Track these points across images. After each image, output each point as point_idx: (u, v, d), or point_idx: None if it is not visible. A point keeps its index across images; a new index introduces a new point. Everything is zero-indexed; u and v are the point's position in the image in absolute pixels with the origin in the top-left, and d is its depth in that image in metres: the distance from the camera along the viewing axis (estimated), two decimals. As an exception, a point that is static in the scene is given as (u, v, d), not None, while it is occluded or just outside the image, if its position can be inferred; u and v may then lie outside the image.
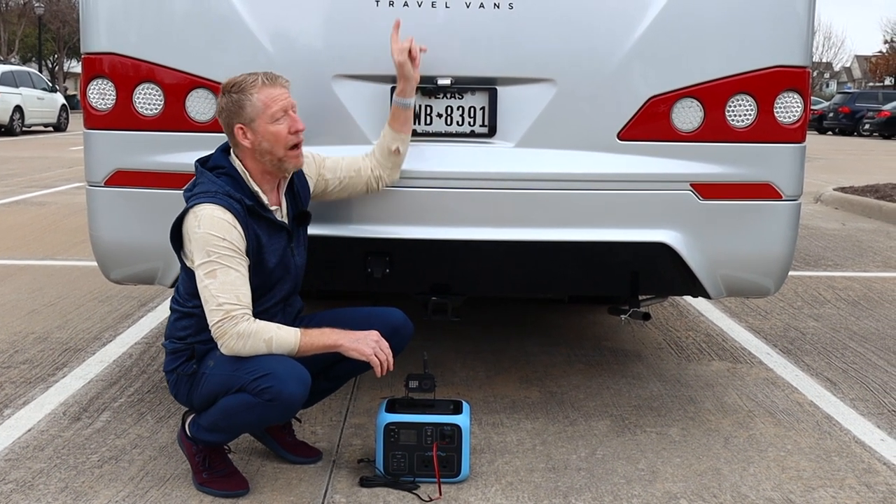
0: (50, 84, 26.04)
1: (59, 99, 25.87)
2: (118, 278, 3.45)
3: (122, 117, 3.19)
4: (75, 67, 55.12)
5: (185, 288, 2.82)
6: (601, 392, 3.86)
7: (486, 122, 3.21)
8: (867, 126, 31.04)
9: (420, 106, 3.21)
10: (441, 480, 2.89)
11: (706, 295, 3.41)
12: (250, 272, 2.73)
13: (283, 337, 2.68)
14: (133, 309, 5.11)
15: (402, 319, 2.97)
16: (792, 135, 3.25)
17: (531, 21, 3.12)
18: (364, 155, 3.10)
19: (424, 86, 3.17)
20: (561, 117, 3.18)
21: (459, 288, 3.50)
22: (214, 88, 3.14)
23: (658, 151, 3.21)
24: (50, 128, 25.51)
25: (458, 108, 3.22)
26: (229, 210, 2.67)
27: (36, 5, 44.73)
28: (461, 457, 2.91)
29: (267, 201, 2.80)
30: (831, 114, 33.47)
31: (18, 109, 23.06)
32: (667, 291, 3.89)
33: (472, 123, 3.22)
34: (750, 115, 3.21)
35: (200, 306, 2.77)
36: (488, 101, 3.20)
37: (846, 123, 32.62)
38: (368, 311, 3.00)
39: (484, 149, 3.23)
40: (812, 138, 26.80)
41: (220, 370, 2.70)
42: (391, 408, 2.96)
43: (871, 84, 66.05)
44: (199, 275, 2.66)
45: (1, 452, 3.12)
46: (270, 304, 2.86)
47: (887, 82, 62.02)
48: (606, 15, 3.15)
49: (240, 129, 2.75)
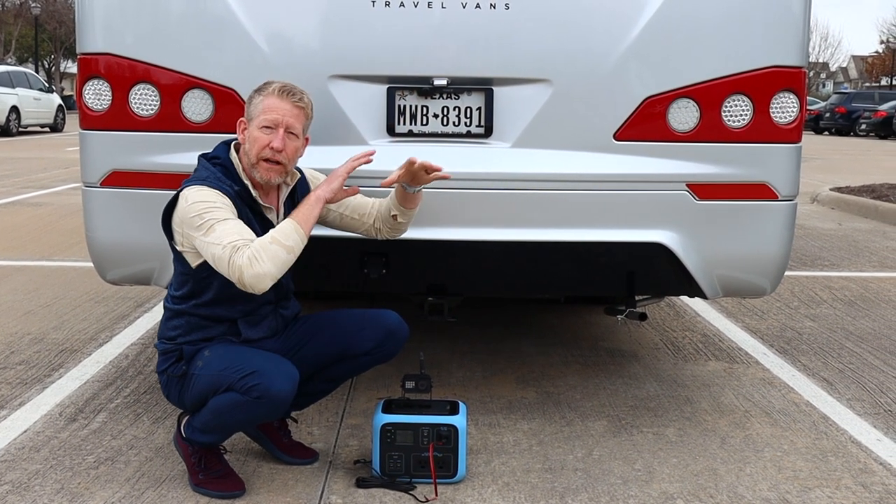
0: (46, 84, 25.99)
1: (56, 99, 25.84)
2: (114, 279, 3.44)
3: (118, 118, 3.19)
4: (72, 68, 55.05)
5: (176, 283, 2.85)
6: (598, 392, 3.86)
7: (483, 123, 3.21)
8: (863, 126, 31.09)
9: (416, 106, 3.21)
10: (437, 481, 2.89)
11: (703, 295, 3.42)
12: None
13: (281, 228, 2.68)
14: (129, 310, 5.11)
15: (398, 322, 2.97)
16: (788, 135, 3.26)
17: (527, 21, 3.13)
18: (374, 201, 3.06)
19: (420, 86, 3.17)
20: (557, 118, 3.19)
21: (456, 288, 3.50)
22: (210, 89, 3.15)
23: (654, 152, 3.22)
24: (46, 128, 25.49)
25: (455, 109, 3.22)
26: (218, 189, 2.72)
27: (32, 6, 44.64)
28: (458, 457, 2.91)
29: (256, 194, 2.82)
30: (828, 114, 33.51)
31: (15, 110, 23.04)
32: (663, 292, 3.90)
33: (469, 124, 3.22)
34: (746, 116, 3.21)
35: (190, 305, 2.79)
36: (484, 102, 3.20)
37: (842, 124, 32.66)
38: (363, 313, 2.99)
39: (480, 149, 3.23)
40: (808, 138, 26.83)
41: (209, 370, 2.71)
42: (388, 408, 2.96)
43: (868, 84, 66.20)
44: (200, 241, 2.65)
45: (-3, 454, 3.12)
46: (259, 305, 2.86)
47: (883, 82, 62.12)
48: (602, 15, 3.15)
49: (241, 122, 2.85)
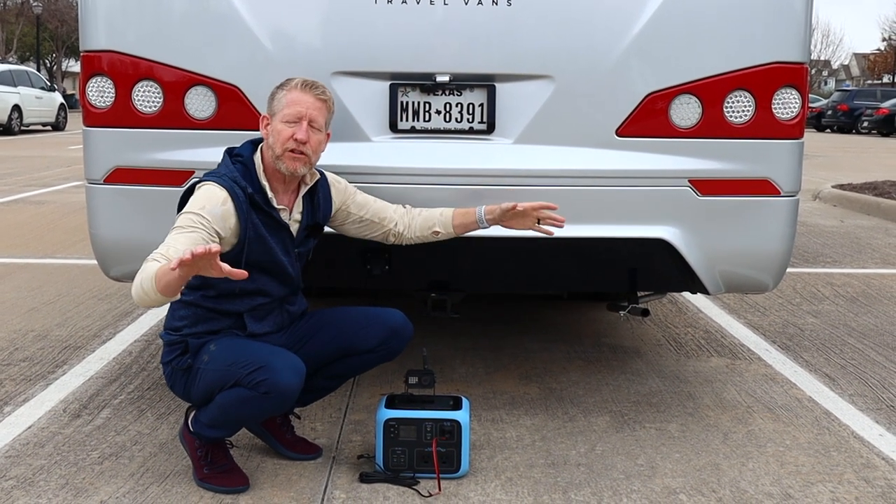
0: (48, 83, 26.01)
1: (58, 98, 25.85)
2: (118, 276, 3.45)
3: (122, 115, 3.20)
4: (73, 67, 55.08)
5: None
6: (600, 388, 3.87)
7: (485, 119, 3.22)
8: (865, 123, 31.07)
9: (419, 103, 3.22)
10: (441, 476, 2.90)
11: (705, 291, 3.42)
12: (243, 255, 2.74)
13: (150, 269, 2.48)
14: (132, 307, 5.11)
15: (402, 320, 2.97)
16: (790, 131, 3.26)
17: (529, 18, 3.13)
18: (397, 207, 3.10)
19: (423, 83, 3.18)
20: (559, 114, 3.19)
21: (458, 284, 3.51)
22: (213, 86, 3.15)
23: (656, 148, 3.22)
24: (48, 127, 25.50)
25: (457, 105, 3.22)
26: (228, 190, 2.72)
27: (34, 4, 44.65)
28: (461, 452, 2.92)
29: (272, 197, 2.82)
30: (830, 111, 33.47)
31: (17, 109, 23.05)
32: (665, 288, 3.90)
33: (471, 120, 3.23)
34: (748, 112, 3.22)
35: (198, 296, 2.81)
36: (487, 98, 3.20)
37: (844, 121, 32.62)
38: (368, 311, 3.00)
39: (482, 145, 3.23)
40: (810, 136, 26.81)
41: (215, 365, 2.72)
42: (391, 404, 2.97)
43: (870, 82, 66.10)
44: None
45: (1, 449, 3.13)
46: (264, 301, 2.88)
47: (885, 80, 62.05)
48: (604, 11, 3.16)
49: (264, 119, 2.87)
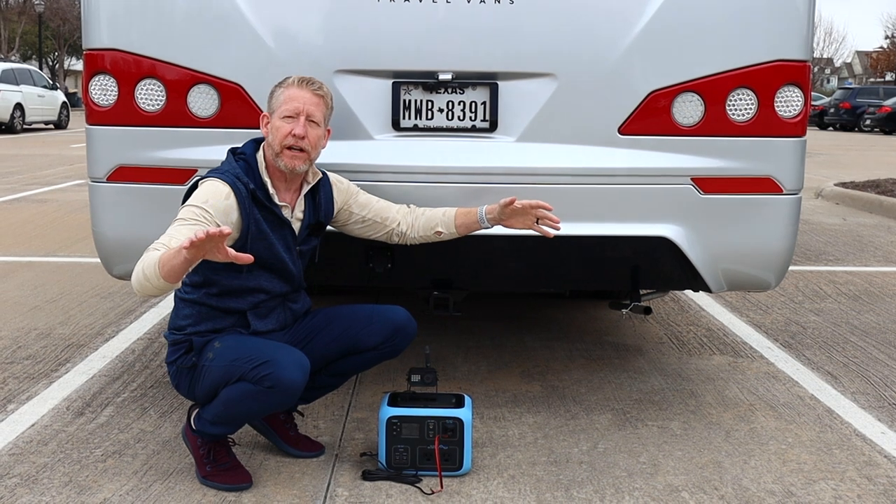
0: (50, 82, 26.02)
1: (60, 96, 25.87)
2: (121, 274, 3.45)
3: (124, 113, 3.20)
4: (76, 65, 55.12)
5: (190, 274, 2.84)
6: (602, 386, 3.87)
7: (488, 117, 3.22)
8: (868, 121, 31.01)
9: (421, 101, 3.22)
10: (443, 474, 2.90)
11: (707, 289, 3.42)
12: (246, 250, 2.72)
13: (152, 256, 2.51)
14: (135, 305, 5.12)
15: (406, 318, 2.97)
16: (792, 129, 3.26)
17: (532, 16, 3.13)
18: (400, 207, 3.11)
19: (425, 80, 3.18)
20: (562, 112, 3.19)
21: (461, 283, 3.51)
22: (216, 84, 3.16)
23: (659, 146, 3.22)
24: (51, 125, 25.52)
25: (460, 103, 3.23)
26: (230, 185, 2.73)
27: (36, 3, 44.68)
28: (463, 450, 2.92)
29: (274, 193, 2.83)
30: (832, 109, 33.43)
31: (19, 107, 23.06)
32: (668, 286, 3.90)
33: (474, 118, 3.23)
34: (750, 110, 3.22)
35: (201, 294, 2.83)
36: (489, 96, 3.20)
37: (847, 119, 32.57)
38: (372, 309, 3.00)
39: (485, 143, 3.23)
40: (813, 134, 26.78)
41: (220, 362, 2.73)
42: (393, 402, 2.97)
43: (872, 80, 65.99)
44: None
45: (5, 447, 3.13)
46: (267, 298, 2.88)
47: (888, 78, 61.95)
48: (607, 9, 3.16)
49: (264, 117, 2.89)
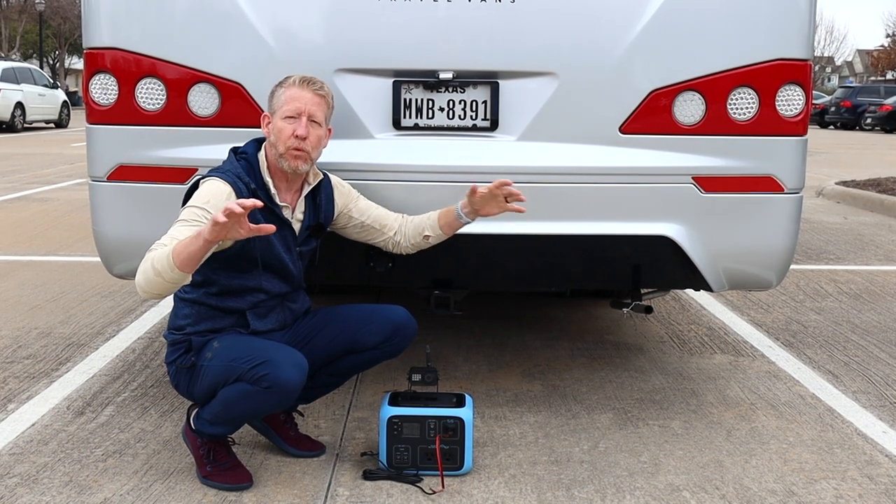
0: (51, 81, 26.03)
1: (61, 95, 25.88)
2: (121, 273, 3.45)
3: (125, 112, 3.20)
4: (76, 64, 55.11)
5: None
6: (603, 385, 3.87)
7: (488, 116, 3.21)
8: (869, 120, 31.00)
9: (422, 100, 3.21)
10: (444, 473, 2.90)
11: (708, 288, 3.42)
12: (255, 251, 2.76)
13: (163, 250, 2.50)
14: (136, 304, 5.12)
15: (406, 317, 2.97)
16: (793, 128, 3.25)
17: (533, 15, 3.13)
18: (397, 216, 3.10)
19: (426, 80, 3.18)
20: (563, 111, 3.19)
21: (461, 282, 3.51)
22: (216, 83, 3.15)
23: (660, 145, 3.22)
24: (51, 124, 25.53)
25: (461, 102, 3.22)
26: (232, 185, 2.73)
27: (37, 2, 44.69)
28: (464, 450, 2.92)
29: (275, 193, 2.83)
30: (833, 108, 33.42)
31: (20, 106, 23.07)
32: (669, 285, 3.89)
33: (475, 117, 3.23)
34: (751, 109, 3.21)
35: (201, 294, 2.82)
36: (490, 95, 3.20)
37: (848, 118, 32.56)
38: (372, 308, 3.00)
39: (486, 142, 3.23)
40: (814, 133, 26.77)
41: (218, 361, 2.73)
42: (394, 401, 2.97)
43: (873, 78, 65.91)
44: None
45: (5, 447, 3.13)
46: (266, 298, 2.88)
47: (889, 76, 61.91)
48: (608, 8, 3.15)
49: (265, 117, 2.89)
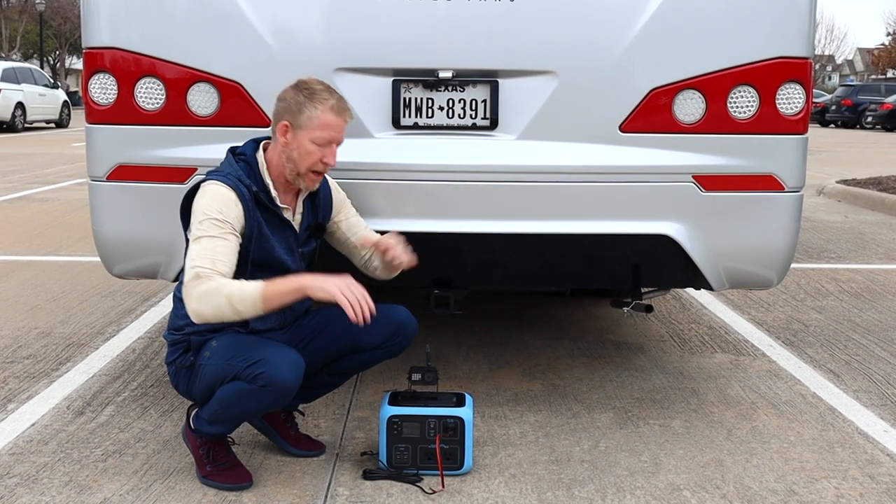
0: (51, 81, 26.04)
1: (61, 95, 25.90)
2: (121, 273, 3.45)
3: (124, 112, 3.20)
4: (77, 64, 55.11)
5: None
6: (604, 385, 3.87)
7: (488, 115, 3.21)
8: (870, 119, 30.97)
9: (421, 99, 3.21)
10: (444, 473, 2.89)
11: (709, 287, 3.41)
12: (249, 253, 2.75)
13: (245, 289, 2.54)
14: (136, 304, 5.12)
15: (407, 317, 2.96)
16: (794, 126, 3.25)
17: (532, 13, 3.12)
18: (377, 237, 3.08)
19: (426, 79, 3.17)
20: (562, 110, 3.18)
21: (461, 281, 3.50)
22: (215, 82, 3.15)
23: (660, 143, 3.21)
24: (52, 124, 25.54)
25: (460, 101, 3.22)
26: (235, 190, 2.72)
27: (37, 2, 44.68)
28: (464, 449, 2.91)
29: (276, 195, 2.83)
30: (834, 107, 33.40)
31: (20, 106, 23.09)
32: (669, 284, 3.89)
33: (474, 116, 3.22)
34: (752, 107, 3.21)
35: None
36: (490, 94, 3.19)
37: (849, 116, 32.54)
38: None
39: (485, 141, 3.23)
40: (814, 131, 26.77)
41: (216, 360, 2.72)
42: (394, 401, 2.96)
43: (874, 77, 65.84)
44: (189, 244, 2.67)
45: (5, 447, 3.13)
46: None
47: (890, 75, 61.86)
48: (607, 7, 3.15)
49: (285, 126, 2.77)
